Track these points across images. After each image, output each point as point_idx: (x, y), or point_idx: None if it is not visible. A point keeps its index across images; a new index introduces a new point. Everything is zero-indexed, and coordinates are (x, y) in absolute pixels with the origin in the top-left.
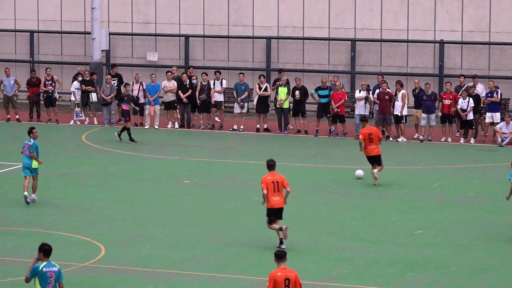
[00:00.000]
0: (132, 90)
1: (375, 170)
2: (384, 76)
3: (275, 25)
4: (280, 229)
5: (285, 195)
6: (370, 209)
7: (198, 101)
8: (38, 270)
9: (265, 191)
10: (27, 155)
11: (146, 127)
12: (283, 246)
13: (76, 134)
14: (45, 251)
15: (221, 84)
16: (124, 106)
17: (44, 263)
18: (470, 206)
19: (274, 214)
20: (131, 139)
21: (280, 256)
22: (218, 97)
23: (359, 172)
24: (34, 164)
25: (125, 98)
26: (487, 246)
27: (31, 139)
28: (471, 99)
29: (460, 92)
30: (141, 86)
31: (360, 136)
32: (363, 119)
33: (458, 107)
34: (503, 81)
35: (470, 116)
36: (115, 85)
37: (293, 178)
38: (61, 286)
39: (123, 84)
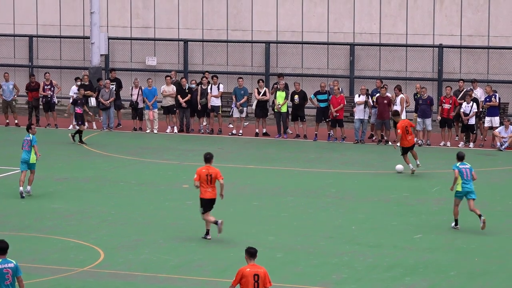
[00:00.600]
0: (131, 94)
1: (418, 162)
2: (383, 80)
3: (274, 30)
4: (215, 222)
5: (220, 187)
6: (369, 213)
7: (199, 105)
8: None
9: (197, 183)
10: (26, 150)
11: (148, 131)
12: (208, 237)
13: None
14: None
15: (218, 89)
16: (78, 110)
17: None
18: (469, 210)
19: (207, 205)
20: (81, 141)
21: (252, 253)
22: (215, 102)
23: (400, 167)
24: (32, 159)
25: (79, 101)
26: (486, 250)
27: (30, 134)
28: (474, 103)
29: (460, 95)
30: (140, 91)
31: (399, 131)
32: (396, 113)
33: (461, 111)
34: (502, 85)
35: (472, 120)
36: (114, 89)
37: (292, 182)
38: (19, 281)
39: (78, 88)
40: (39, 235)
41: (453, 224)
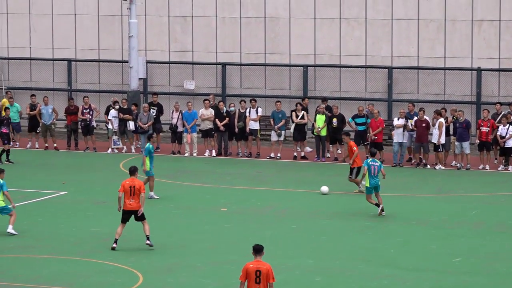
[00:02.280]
0: (171, 118)
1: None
2: (422, 104)
3: (311, 53)
4: (115, 241)
5: (141, 200)
6: (407, 237)
7: (237, 129)
8: None
9: (120, 194)
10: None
11: (186, 154)
12: (114, 245)
13: (113, 162)
14: None
15: (257, 112)
16: (4, 129)
17: None
18: (509, 234)
19: (125, 216)
20: (8, 160)
21: (257, 250)
22: (253, 125)
23: (324, 188)
24: (146, 166)
25: (5, 121)
26: None
27: (150, 144)
28: (511, 126)
29: (498, 118)
30: (180, 114)
31: (355, 148)
32: (346, 133)
33: (498, 133)
34: None
35: (509, 143)
36: (154, 114)
37: (330, 205)
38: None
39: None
40: (77, 258)
41: (378, 210)
